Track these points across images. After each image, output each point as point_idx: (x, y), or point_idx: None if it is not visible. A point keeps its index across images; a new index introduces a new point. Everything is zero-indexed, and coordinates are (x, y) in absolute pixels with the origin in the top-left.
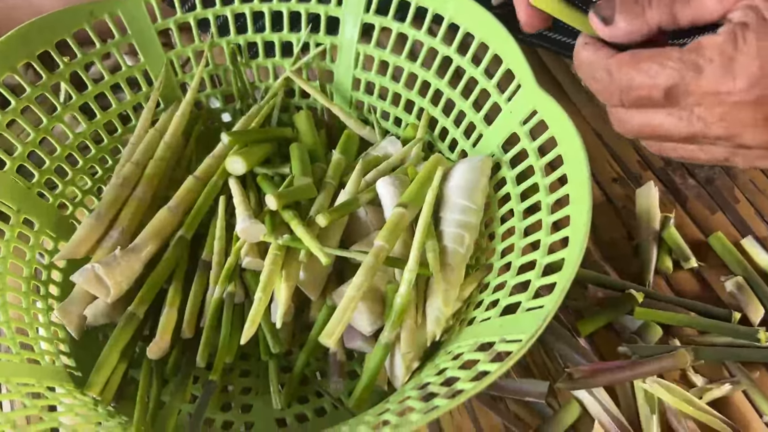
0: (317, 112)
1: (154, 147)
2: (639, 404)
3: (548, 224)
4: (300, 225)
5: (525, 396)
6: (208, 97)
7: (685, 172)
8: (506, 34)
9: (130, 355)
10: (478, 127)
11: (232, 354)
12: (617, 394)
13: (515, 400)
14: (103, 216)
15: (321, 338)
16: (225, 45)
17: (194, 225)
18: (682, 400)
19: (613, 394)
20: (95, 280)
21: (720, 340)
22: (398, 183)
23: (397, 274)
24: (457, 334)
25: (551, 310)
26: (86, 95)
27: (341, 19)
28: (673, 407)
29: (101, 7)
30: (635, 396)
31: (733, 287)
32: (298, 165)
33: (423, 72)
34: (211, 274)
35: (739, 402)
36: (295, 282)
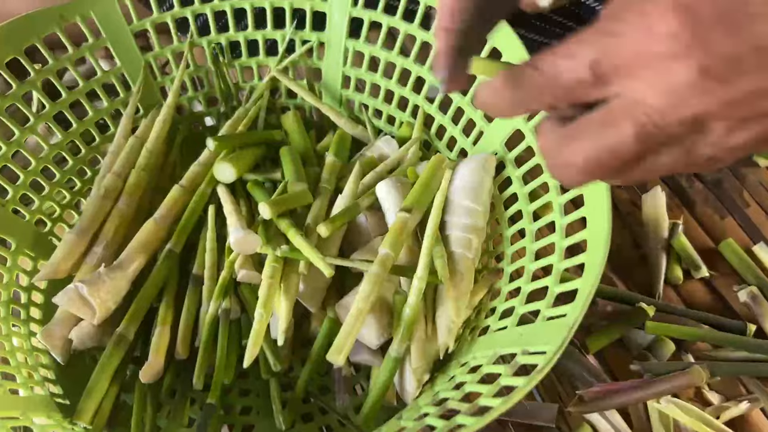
0: (305, 112)
1: (135, 155)
2: (653, 426)
3: (562, 227)
4: (298, 235)
5: (533, 420)
6: (190, 100)
7: (692, 175)
8: (504, 25)
9: (121, 378)
10: (478, 124)
11: (230, 374)
12: (630, 415)
13: (522, 424)
14: (84, 231)
15: (329, 356)
16: (206, 45)
17: (183, 237)
18: (698, 421)
19: (626, 415)
20: (79, 301)
21: (735, 355)
22: (399, 186)
23: (403, 282)
24: (470, 344)
25: (576, 319)
26: (60, 104)
27: (328, 13)
28: (690, 428)
29: (72, 8)
30: (649, 417)
31: (747, 297)
32: (291, 169)
33: (416, 67)
34: (203, 289)
35: (758, 420)
36: (295, 294)
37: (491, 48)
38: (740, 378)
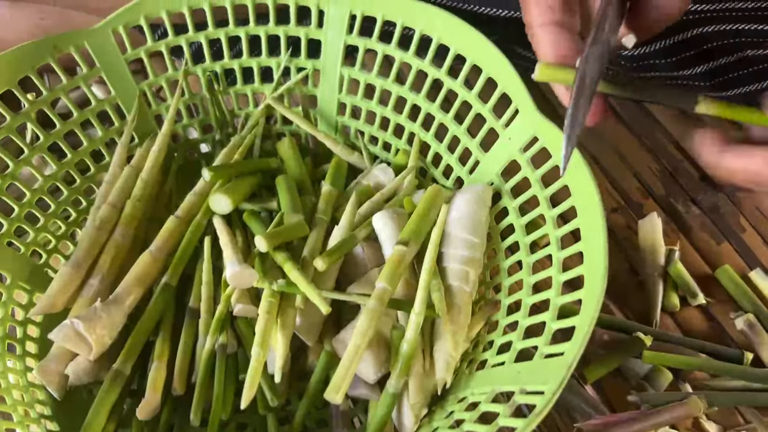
0: (301, 139)
1: (130, 185)
2: None
3: (560, 260)
4: (294, 269)
5: None
6: (185, 128)
7: (688, 200)
8: (500, 55)
9: (118, 414)
10: (474, 153)
11: (227, 410)
12: None
13: None
14: (80, 264)
15: (327, 395)
16: (200, 73)
17: (179, 270)
18: None
19: None
20: (75, 337)
21: (733, 384)
22: (396, 217)
23: (400, 316)
24: (467, 378)
25: (574, 359)
26: (54, 134)
27: (323, 41)
28: None
29: (66, 39)
30: None
31: (744, 325)
32: (287, 200)
33: (412, 95)
34: (200, 323)
35: None
36: (292, 329)
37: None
38: (738, 408)
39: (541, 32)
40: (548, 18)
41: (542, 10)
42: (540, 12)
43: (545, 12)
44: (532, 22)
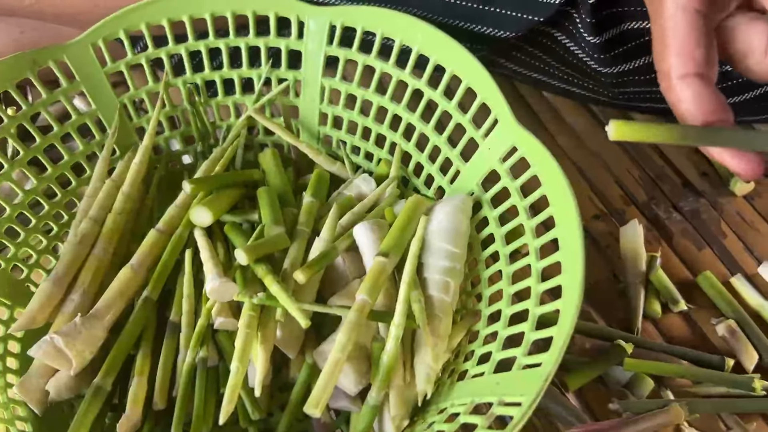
0: (283, 149)
1: (111, 199)
2: None
3: (538, 270)
4: (275, 282)
5: None
6: (167, 140)
7: (670, 206)
8: (479, 66)
9: (100, 429)
10: (455, 163)
11: (208, 424)
12: None
13: None
14: (60, 279)
15: (307, 408)
16: (181, 85)
17: (160, 284)
18: None
19: None
20: (56, 353)
21: (714, 391)
22: (376, 228)
23: (381, 328)
24: (449, 389)
25: (551, 370)
26: (35, 149)
27: (303, 52)
28: None
29: (45, 53)
30: None
31: (725, 332)
32: (269, 212)
33: (393, 106)
34: (181, 336)
35: None
36: (273, 342)
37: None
38: (719, 414)
39: (682, 86)
40: (690, 69)
41: (684, 60)
42: (682, 62)
43: (687, 63)
44: (671, 73)
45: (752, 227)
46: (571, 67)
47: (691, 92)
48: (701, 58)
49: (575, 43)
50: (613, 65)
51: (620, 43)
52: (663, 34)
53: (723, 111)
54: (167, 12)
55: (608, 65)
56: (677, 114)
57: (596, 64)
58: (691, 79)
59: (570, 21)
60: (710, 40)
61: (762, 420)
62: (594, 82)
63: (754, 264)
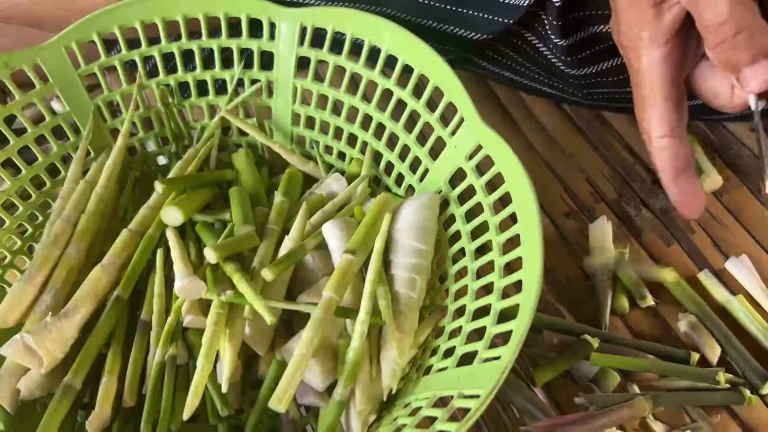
0: (257, 149)
1: (85, 200)
2: None
3: (500, 266)
4: (243, 280)
5: None
6: (141, 141)
7: (640, 203)
8: (446, 66)
9: (70, 427)
10: (423, 161)
11: (177, 421)
12: None
13: None
14: (33, 279)
15: (271, 403)
16: (155, 86)
17: (131, 283)
18: None
19: None
20: (26, 352)
21: (679, 384)
22: (345, 226)
23: (348, 324)
24: (414, 384)
25: (508, 363)
26: (8, 150)
27: (275, 53)
28: None
29: (18, 56)
30: None
31: (687, 327)
32: (239, 212)
33: (364, 105)
34: (151, 335)
35: None
36: (241, 339)
37: (433, 87)
38: (684, 408)
39: (660, 145)
40: (666, 131)
41: (660, 123)
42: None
43: (663, 125)
44: (651, 134)
45: (720, 223)
46: (541, 67)
47: (668, 152)
48: (676, 120)
49: (544, 45)
50: (581, 67)
51: (588, 46)
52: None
53: (688, 165)
54: (140, 14)
55: (576, 67)
56: (655, 164)
57: (564, 66)
58: (668, 140)
59: (539, 22)
60: (682, 100)
61: (726, 412)
62: (564, 82)
63: (722, 259)
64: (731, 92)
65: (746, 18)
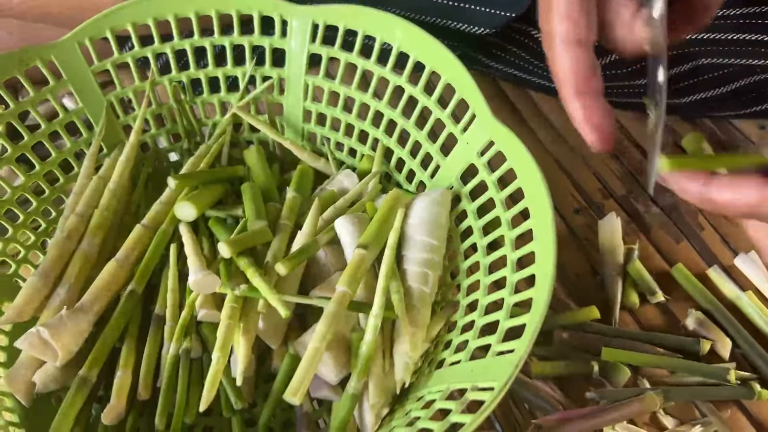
0: (269, 146)
1: (98, 196)
2: None
3: (513, 261)
4: (257, 274)
5: None
6: (154, 137)
7: (648, 200)
8: (457, 63)
9: (85, 420)
10: (435, 158)
11: (191, 414)
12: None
13: None
14: (47, 274)
15: (286, 396)
16: (167, 83)
17: (145, 277)
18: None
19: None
20: (41, 345)
21: (690, 380)
22: (357, 222)
23: (361, 318)
24: (427, 377)
25: (522, 355)
26: (22, 146)
27: (287, 50)
28: None
29: (32, 53)
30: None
31: (695, 324)
32: (251, 207)
33: (375, 102)
34: (165, 329)
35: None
36: (255, 333)
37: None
38: (695, 402)
39: (562, 50)
40: (571, 35)
41: (566, 25)
42: (564, 26)
43: (569, 27)
44: (554, 34)
45: (729, 220)
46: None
47: (570, 58)
48: (584, 22)
49: None
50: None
51: None
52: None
53: (595, 79)
54: (152, 11)
55: None
56: (554, 75)
57: None
58: (572, 45)
59: None
60: (591, 8)
61: (736, 407)
62: None
63: (731, 256)
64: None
65: None
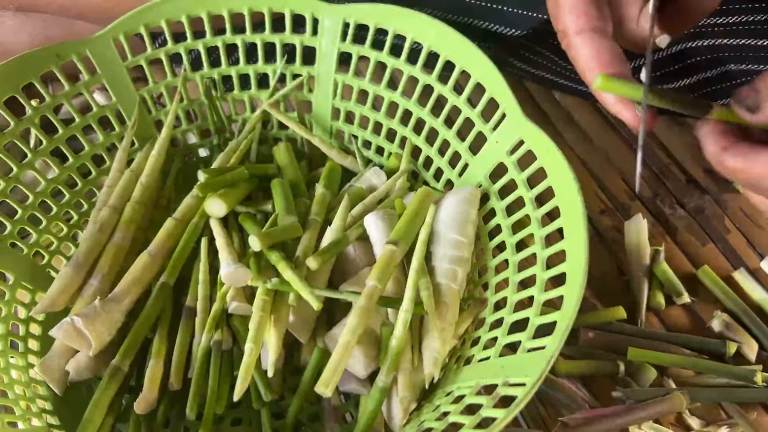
0: (297, 143)
1: (130, 189)
2: None
3: (543, 258)
4: (288, 268)
5: None
6: (184, 133)
7: (674, 202)
8: (488, 62)
9: (117, 409)
10: (463, 156)
11: (222, 405)
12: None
13: None
14: (81, 265)
15: (317, 388)
16: (199, 79)
17: (176, 270)
18: None
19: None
20: (75, 334)
21: (716, 381)
22: (386, 218)
23: (390, 313)
24: (455, 373)
25: (554, 352)
26: (57, 139)
27: (317, 48)
28: None
29: (69, 47)
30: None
31: (721, 327)
32: (282, 202)
33: (404, 101)
34: (196, 321)
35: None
36: (285, 326)
37: (474, 83)
38: (721, 403)
39: (579, 41)
40: (584, 25)
41: (577, 17)
42: (575, 19)
43: (580, 18)
44: (567, 30)
45: (755, 223)
46: None
47: (589, 46)
48: (595, 14)
49: None
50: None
51: None
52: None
53: (620, 62)
54: (186, 8)
55: None
56: (578, 69)
57: None
58: (588, 34)
59: None
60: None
61: (762, 409)
62: None
63: (757, 259)
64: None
65: None
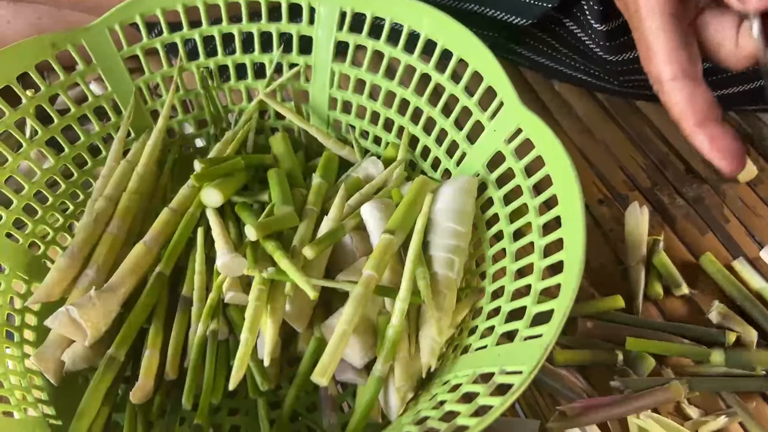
0: (294, 133)
1: (126, 179)
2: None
3: (541, 247)
4: (284, 257)
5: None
6: (180, 123)
7: (673, 191)
8: (485, 49)
9: (112, 399)
10: (461, 145)
11: (218, 394)
12: (610, 430)
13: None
14: (76, 255)
15: (314, 377)
16: (195, 69)
17: (172, 260)
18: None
19: (606, 430)
20: (71, 324)
21: (715, 370)
22: (383, 207)
23: (387, 303)
24: (452, 362)
25: (551, 340)
26: (52, 129)
27: (314, 38)
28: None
29: (64, 37)
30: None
31: (719, 318)
32: (278, 192)
33: (401, 90)
34: (192, 310)
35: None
36: (281, 316)
37: (472, 71)
38: (719, 393)
39: (674, 88)
40: (678, 72)
41: (671, 64)
42: (670, 67)
43: (675, 66)
44: (662, 77)
45: (755, 213)
46: (579, 54)
47: (684, 94)
48: (686, 59)
49: (583, 31)
50: (619, 53)
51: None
52: (646, 40)
53: (713, 109)
54: None
55: (614, 53)
56: (672, 115)
57: (602, 52)
58: (681, 82)
59: (579, 8)
60: (690, 39)
61: (761, 399)
62: (601, 69)
63: (756, 248)
64: (735, 40)
65: None
